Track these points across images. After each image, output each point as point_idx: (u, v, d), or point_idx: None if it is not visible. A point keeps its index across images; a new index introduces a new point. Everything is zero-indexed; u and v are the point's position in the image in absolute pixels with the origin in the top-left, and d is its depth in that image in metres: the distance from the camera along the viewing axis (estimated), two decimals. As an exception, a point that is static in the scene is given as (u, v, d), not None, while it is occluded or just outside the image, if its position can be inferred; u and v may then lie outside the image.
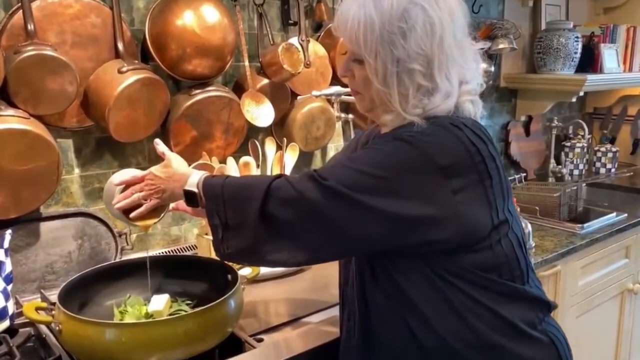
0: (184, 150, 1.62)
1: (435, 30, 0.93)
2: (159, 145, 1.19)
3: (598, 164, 2.99)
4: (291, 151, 1.80)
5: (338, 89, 1.79)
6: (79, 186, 1.54)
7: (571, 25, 2.63)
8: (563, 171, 2.83)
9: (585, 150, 2.91)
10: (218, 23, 1.58)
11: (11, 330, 1.20)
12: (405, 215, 0.90)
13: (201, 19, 1.55)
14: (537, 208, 2.17)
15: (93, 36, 1.45)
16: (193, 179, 1.05)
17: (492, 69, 2.51)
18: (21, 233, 1.41)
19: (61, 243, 1.48)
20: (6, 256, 1.25)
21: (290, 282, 1.55)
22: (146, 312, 1.17)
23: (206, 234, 1.54)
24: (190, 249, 1.71)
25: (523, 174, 2.62)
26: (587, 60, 2.70)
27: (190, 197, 1.05)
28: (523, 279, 1.01)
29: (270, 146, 1.78)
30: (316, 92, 1.74)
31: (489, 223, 0.95)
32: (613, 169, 2.97)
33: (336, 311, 1.21)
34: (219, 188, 1.00)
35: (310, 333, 1.26)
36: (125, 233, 1.57)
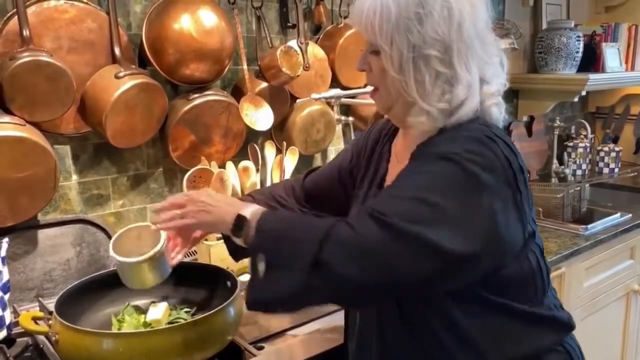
0: (183, 155, 1.61)
1: (453, 15, 0.91)
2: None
3: (601, 164, 2.97)
4: (291, 155, 1.79)
5: (337, 92, 1.77)
6: (77, 193, 1.53)
7: (572, 24, 2.62)
8: (566, 171, 2.81)
9: (588, 150, 2.89)
10: (216, 27, 1.56)
11: (8, 340, 1.19)
12: (458, 252, 0.83)
13: (198, 23, 1.53)
14: (540, 209, 2.15)
15: (89, 41, 1.44)
16: (250, 207, 0.97)
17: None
18: (19, 241, 1.40)
19: (59, 250, 1.47)
20: (3, 265, 1.23)
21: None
22: (144, 321, 1.16)
23: (205, 240, 1.52)
24: (189, 255, 1.69)
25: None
26: (589, 59, 2.68)
27: (239, 226, 0.95)
28: (545, 290, 1.00)
29: (269, 150, 1.77)
30: (315, 95, 1.73)
31: (522, 239, 0.93)
32: (616, 169, 2.95)
33: (338, 317, 1.19)
34: (275, 223, 0.93)
35: (311, 340, 1.24)
36: (124, 239, 1.55)
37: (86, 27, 1.43)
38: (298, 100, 1.81)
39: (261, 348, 1.20)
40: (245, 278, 1.26)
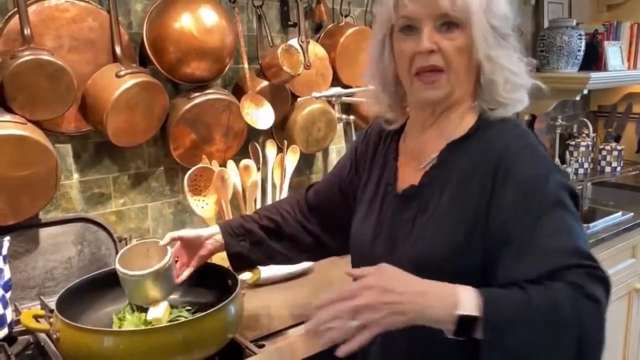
0: (184, 154, 1.61)
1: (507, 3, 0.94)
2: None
3: (603, 163, 2.97)
4: (292, 154, 1.79)
5: (338, 90, 1.77)
6: (78, 191, 1.53)
7: (574, 22, 2.61)
8: (568, 170, 2.80)
9: (589, 148, 2.89)
10: (216, 25, 1.56)
11: (10, 338, 1.20)
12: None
13: (199, 22, 1.53)
14: (542, 208, 2.14)
15: (90, 40, 1.44)
16: (467, 296, 0.76)
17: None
18: (20, 239, 1.40)
19: (61, 249, 1.47)
20: (4, 263, 1.24)
21: (292, 286, 1.53)
22: (145, 319, 1.15)
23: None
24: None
25: (527, 174, 2.59)
26: (591, 58, 2.67)
27: (464, 327, 0.76)
28: None
29: (270, 149, 1.77)
30: (316, 94, 1.73)
31: None
32: (618, 168, 2.94)
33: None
34: (511, 309, 0.76)
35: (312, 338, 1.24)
36: (125, 238, 1.55)
37: (87, 26, 1.43)
38: (299, 98, 1.81)
39: (262, 346, 1.20)
40: (245, 277, 1.27)
